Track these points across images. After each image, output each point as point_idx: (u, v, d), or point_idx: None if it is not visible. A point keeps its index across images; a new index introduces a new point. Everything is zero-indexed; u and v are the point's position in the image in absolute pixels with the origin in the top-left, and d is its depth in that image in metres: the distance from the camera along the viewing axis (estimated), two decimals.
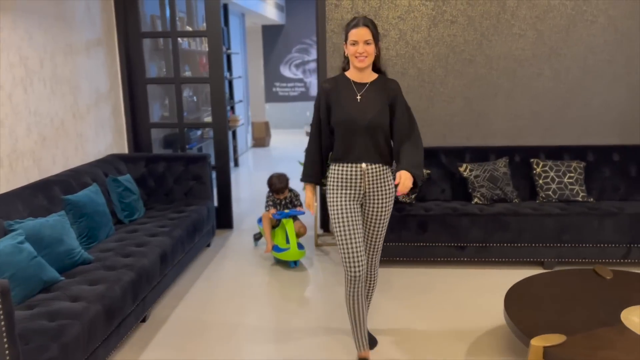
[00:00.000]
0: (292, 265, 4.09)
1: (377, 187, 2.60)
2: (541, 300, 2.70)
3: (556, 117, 4.47)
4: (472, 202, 4.10)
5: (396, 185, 2.53)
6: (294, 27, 11.96)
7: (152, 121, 5.04)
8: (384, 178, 2.61)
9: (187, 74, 6.32)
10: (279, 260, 4.19)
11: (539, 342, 2.27)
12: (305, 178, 2.74)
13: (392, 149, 2.64)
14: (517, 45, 4.38)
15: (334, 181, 2.61)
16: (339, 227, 2.56)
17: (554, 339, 2.29)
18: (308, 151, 2.75)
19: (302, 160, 2.89)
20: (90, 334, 2.41)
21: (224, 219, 4.92)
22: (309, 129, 7.62)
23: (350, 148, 2.56)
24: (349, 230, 2.55)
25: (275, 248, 4.11)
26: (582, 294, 2.76)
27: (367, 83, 2.58)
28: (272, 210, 4.19)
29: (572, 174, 4.11)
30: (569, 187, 4.08)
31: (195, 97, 6.69)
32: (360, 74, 2.57)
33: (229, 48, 7.61)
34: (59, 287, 2.67)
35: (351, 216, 2.56)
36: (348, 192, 2.59)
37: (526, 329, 2.39)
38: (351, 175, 2.58)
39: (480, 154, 4.35)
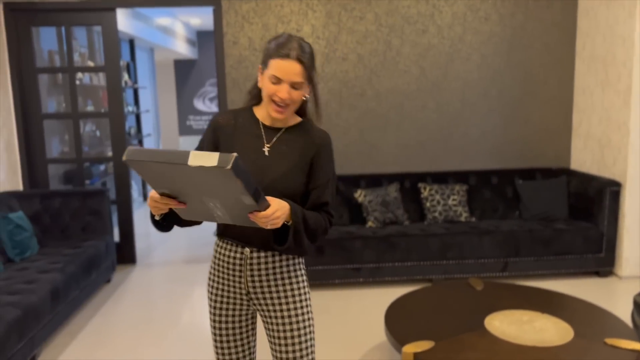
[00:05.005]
0: None
1: (271, 290, 1.72)
2: (417, 312, 2.93)
3: (440, 145, 4.87)
4: (367, 226, 4.35)
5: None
6: (207, 61, 12.05)
7: (49, 157, 4.93)
8: (283, 277, 1.73)
9: (90, 108, 6.24)
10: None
11: (409, 349, 2.48)
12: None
13: None
14: (403, 80, 4.76)
15: (212, 267, 1.80)
16: (213, 338, 1.83)
17: (424, 345, 2.51)
18: None
19: None
20: None
21: (126, 253, 4.86)
22: None
23: None
24: (222, 347, 1.82)
25: None
26: (454, 304, 3.03)
27: (281, 129, 1.74)
28: None
29: (455, 197, 4.47)
30: (453, 208, 4.44)
31: (98, 132, 6.59)
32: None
33: (135, 82, 7.60)
34: None
35: (225, 327, 1.79)
36: (225, 288, 1.76)
37: (400, 338, 2.60)
38: (228, 262, 1.74)
39: (374, 181, 4.64)
